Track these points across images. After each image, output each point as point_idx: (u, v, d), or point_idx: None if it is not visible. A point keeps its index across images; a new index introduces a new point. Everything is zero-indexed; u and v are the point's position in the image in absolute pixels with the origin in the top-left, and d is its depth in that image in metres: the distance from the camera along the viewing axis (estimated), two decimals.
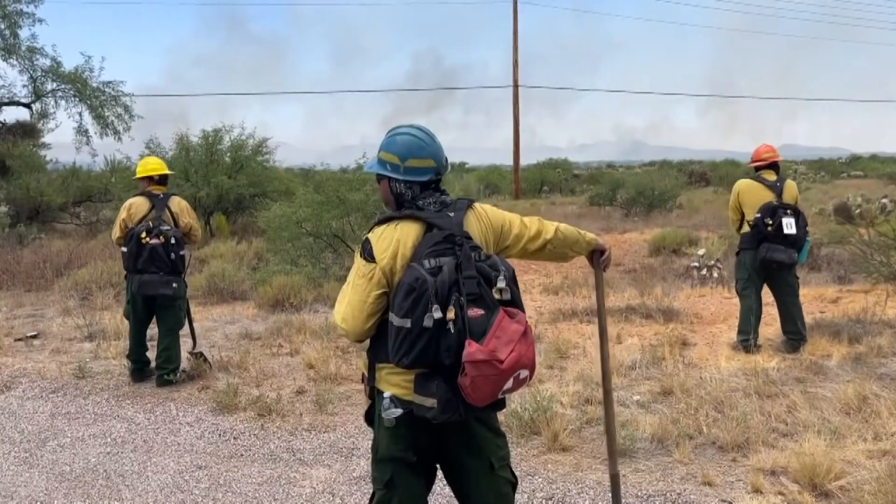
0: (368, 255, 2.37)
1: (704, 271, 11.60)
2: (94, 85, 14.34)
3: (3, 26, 13.30)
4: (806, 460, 3.89)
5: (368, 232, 2.45)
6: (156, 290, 5.68)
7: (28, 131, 17.86)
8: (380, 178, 2.56)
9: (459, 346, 2.21)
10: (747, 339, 6.30)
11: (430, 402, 2.27)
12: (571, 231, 2.80)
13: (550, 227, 2.74)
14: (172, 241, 5.68)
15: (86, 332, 7.56)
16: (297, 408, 5.26)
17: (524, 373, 2.27)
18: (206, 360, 6.13)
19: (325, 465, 4.31)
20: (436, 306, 2.19)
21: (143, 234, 5.64)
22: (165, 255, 5.64)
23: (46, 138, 18.64)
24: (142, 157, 17.58)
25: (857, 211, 18.02)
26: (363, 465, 4.29)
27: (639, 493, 3.84)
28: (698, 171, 45.26)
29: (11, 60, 13.87)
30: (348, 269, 10.12)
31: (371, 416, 2.56)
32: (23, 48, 13.63)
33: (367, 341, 2.47)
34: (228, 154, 17.42)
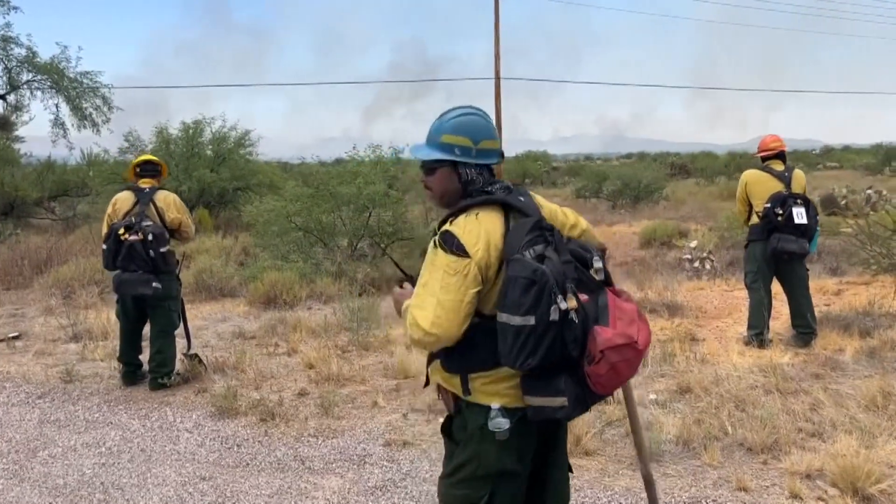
0: (459, 250, 2.11)
1: (697, 263, 11.51)
2: (71, 76, 13.90)
3: None
4: (842, 462, 3.73)
5: (443, 225, 2.20)
6: (134, 290, 5.38)
7: (1, 124, 17.35)
8: (433, 167, 2.30)
9: (584, 335, 2.03)
10: (760, 333, 6.17)
11: (559, 400, 2.06)
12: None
13: (582, 218, 2.58)
14: (150, 237, 5.36)
15: (70, 332, 7.24)
16: (301, 411, 5.02)
17: (646, 350, 2.16)
18: (200, 361, 5.86)
19: (337, 474, 4.08)
20: (559, 296, 1.99)
21: (122, 231, 5.35)
22: (144, 252, 5.33)
23: (20, 131, 18.13)
24: (120, 150, 17.17)
25: (843, 202, 18.12)
26: (377, 473, 4.06)
27: (671, 501, 3.66)
28: (678, 163, 45.47)
29: None
30: (340, 264, 9.80)
31: (450, 429, 2.31)
32: None
33: (443, 353, 2.22)
34: (210, 147, 17.04)
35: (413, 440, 4.47)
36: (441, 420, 2.41)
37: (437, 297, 2.10)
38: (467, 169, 2.27)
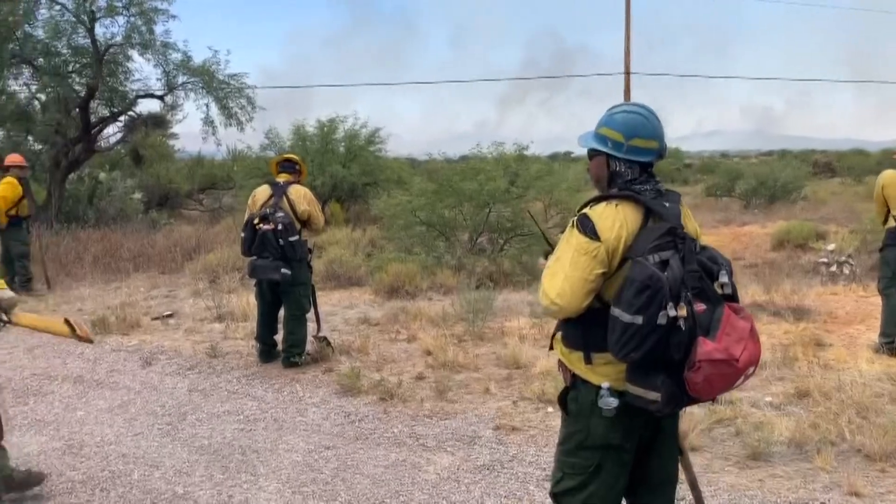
0: (592, 233, 2.31)
1: (834, 268, 10.93)
2: (221, 77, 15.07)
3: (140, 23, 14.16)
4: None
5: (582, 209, 2.42)
6: (265, 275, 5.89)
7: (159, 122, 18.97)
8: (593, 154, 2.52)
9: (690, 342, 2.18)
10: (892, 341, 5.87)
11: (654, 395, 2.25)
12: None
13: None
14: (280, 227, 5.82)
15: (215, 313, 7.95)
16: (418, 393, 5.33)
17: (752, 369, 2.25)
18: (329, 343, 6.32)
19: (448, 452, 4.34)
20: (670, 304, 2.15)
21: (257, 220, 5.85)
22: (275, 240, 5.79)
23: (174, 129, 19.77)
24: (261, 146, 18.35)
25: None
26: (485, 453, 4.29)
27: (778, 501, 3.65)
28: (823, 161, 42.71)
29: (147, 55, 14.76)
30: (460, 257, 10.12)
31: (565, 401, 2.53)
32: (157, 43, 14.50)
33: (565, 328, 2.46)
34: (343, 144, 17.88)
35: (521, 426, 4.67)
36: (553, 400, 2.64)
37: (566, 272, 2.32)
38: (617, 162, 2.45)
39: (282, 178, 6.20)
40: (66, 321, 3.86)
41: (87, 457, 4.40)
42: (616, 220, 2.31)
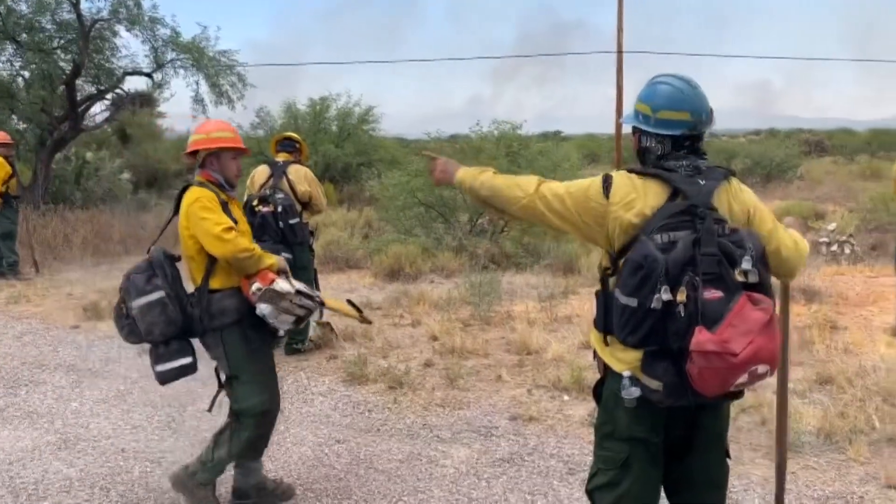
0: (605, 190, 2.22)
1: (835, 247, 10.82)
2: (211, 54, 14.65)
3: None
4: None
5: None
6: None
7: (146, 101, 18.56)
8: (635, 130, 2.37)
9: (689, 330, 1.98)
10: None
11: (656, 384, 2.09)
12: (804, 245, 2.39)
13: (789, 244, 2.32)
14: (280, 209, 5.58)
15: None
16: (428, 381, 5.14)
17: (763, 368, 1.99)
18: (332, 329, 6.11)
19: (465, 444, 4.16)
20: (665, 287, 1.98)
21: (256, 202, 5.60)
22: (275, 223, 5.55)
23: (162, 107, 19.36)
24: (252, 125, 18.00)
25: None
26: (504, 445, 4.11)
27: (814, 495, 3.50)
28: (814, 140, 42.67)
29: (135, 31, 14.28)
30: (461, 239, 9.88)
31: (599, 391, 2.37)
32: (145, 18, 14.04)
33: (596, 310, 2.30)
34: (336, 123, 17.57)
35: (539, 416, 4.49)
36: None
37: (568, 188, 2.30)
38: (648, 137, 2.29)
39: (281, 158, 5.96)
40: (350, 302, 3.79)
41: (83, 452, 4.19)
42: (633, 192, 2.19)
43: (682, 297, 1.99)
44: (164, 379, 3.30)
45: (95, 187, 15.58)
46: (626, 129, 2.49)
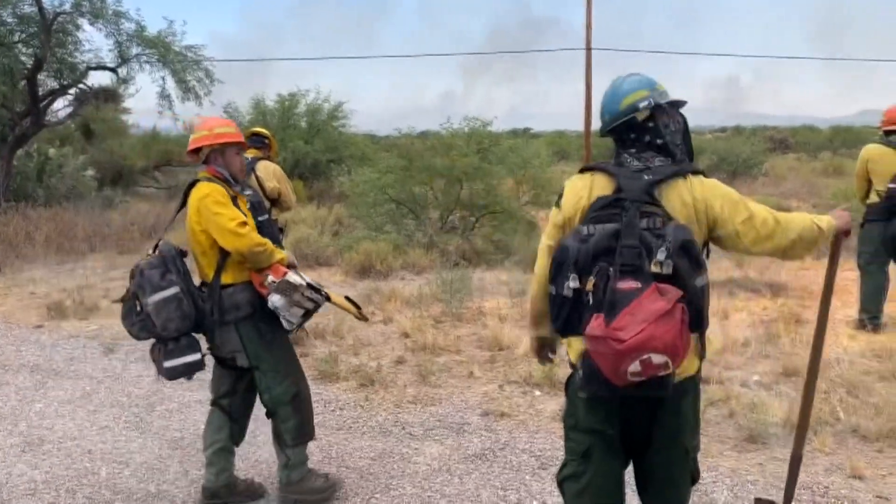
0: (557, 202, 2.37)
1: None
2: (177, 49, 14.42)
3: None
4: None
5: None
6: None
7: (111, 96, 18.22)
8: None
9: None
10: (875, 317, 5.87)
11: (579, 373, 2.18)
12: (809, 230, 2.33)
13: (790, 233, 2.30)
14: (248, 206, 5.49)
15: None
16: (400, 378, 5.13)
17: (658, 358, 1.97)
18: (302, 327, 6.05)
19: (437, 441, 4.15)
20: (573, 275, 2.10)
21: None
22: None
23: (127, 103, 19.01)
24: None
25: None
26: (476, 442, 4.12)
27: (782, 486, 3.55)
28: (778, 138, 43.40)
29: (99, 24, 13.99)
30: (431, 236, 9.89)
31: (569, 384, 2.41)
32: (109, 12, 13.76)
33: None
34: (305, 119, 17.43)
35: (510, 411, 4.50)
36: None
37: (542, 241, 2.44)
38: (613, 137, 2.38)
39: (250, 154, 5.88)
40: (347, 298, 3.77)
41: (48, 454, 4.10)
42: (579, 192, 2.29)
43: (589, 285, 2.09)
44: (172, 375, 3.28)
45: (59, 184, 15.27)
46: (595, 126, 2.55)
